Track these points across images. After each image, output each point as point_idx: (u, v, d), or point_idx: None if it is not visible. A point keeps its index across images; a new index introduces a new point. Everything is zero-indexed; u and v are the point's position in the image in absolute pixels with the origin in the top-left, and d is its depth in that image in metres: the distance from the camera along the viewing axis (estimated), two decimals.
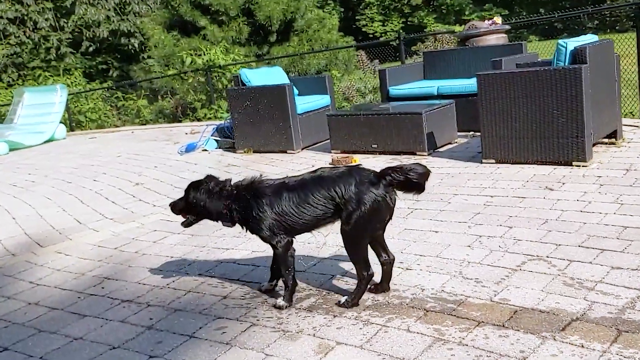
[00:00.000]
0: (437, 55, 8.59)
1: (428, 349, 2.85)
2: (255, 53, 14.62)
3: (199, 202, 3.58)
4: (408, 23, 26.21)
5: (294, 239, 3.47)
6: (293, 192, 3.38)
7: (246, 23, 14.58)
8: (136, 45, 20.40)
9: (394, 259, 3.53)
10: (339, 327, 3.16)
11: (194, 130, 11.10)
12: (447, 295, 3.36)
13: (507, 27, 9.35)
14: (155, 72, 16.41)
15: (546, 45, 12.30)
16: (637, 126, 6.91)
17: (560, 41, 5.43)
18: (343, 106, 10.29)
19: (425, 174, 3.28)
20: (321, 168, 3.49)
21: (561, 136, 5.38)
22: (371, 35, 24.06)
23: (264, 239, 3.48)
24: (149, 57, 17.65)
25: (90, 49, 20.54)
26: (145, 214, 5.83)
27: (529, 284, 3.38)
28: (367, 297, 3.44)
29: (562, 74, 5.24)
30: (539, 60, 6.89)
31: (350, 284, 3.67)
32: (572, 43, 5.39)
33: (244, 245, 4.56)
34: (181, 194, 3.83)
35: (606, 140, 6.07)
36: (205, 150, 8.70)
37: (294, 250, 3.48)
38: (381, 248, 3.48)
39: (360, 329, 3.12)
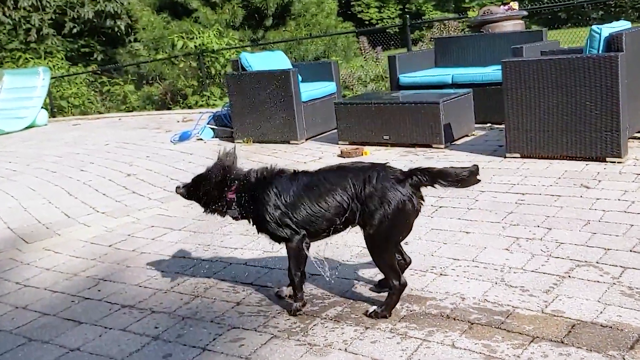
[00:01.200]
0: (450, 42, 8.19)
1: None
2: (250, 37, 14.13)
3: (205, 185, 3.18)
4: (405, 10, 25.80)
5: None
6: (308, 184, 3.05)
7: (241, 6, 14.06)
8: (122, 27, 19.68)
9: (410, 262, 3.25)
10: (373, 341, 2.77)
11: (186, 118, 10.64)
12: (491, 306, 2.98)
13: (525, 12, 8.97)
14: (143, 56, 15.85)
15: (551, 35, 11.94)
16: None
17: (593, 27, 5.06)
18: (344, 95, 9.87)
19: (463, 181, 2.94)
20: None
21: (594, 130, 5.01)
22: (367, 22, 23.63)
23: (272, 235, 3.10)
24: (135, 40, 17.06)
25: (74, 30, 19.77)
26: (140, 208, 5.40)
27: (582, 293, 3.02)
28: (401, 306, 3.06)
29: (597, 63, 4.87)
30: (565, 48, 6.52)
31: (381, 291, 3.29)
32: (607, 29, 5.02)
33: (253, 244, 4.15)
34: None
35: (638, 135, 5.70)
36: (201, 139, 8.25)
37: (309, 245, 3.10)
38: (395, 249, 3.13)
39: (398, 343, 2.74)
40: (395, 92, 7.32)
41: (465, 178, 2.94)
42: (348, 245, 3.91)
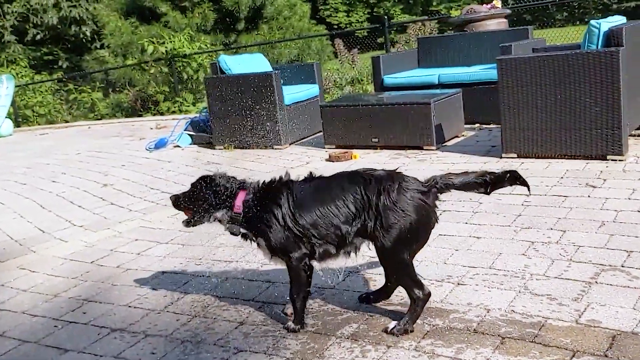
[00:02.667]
0: (434, 42, 8.00)
1: None
2: (222, 42, 13.78)
3: (205, 199, 2.90)
4: (374, 14, 25.68)
5: (312, 258, 2.86)
6: (318, 194, 2.80)
7: (212, 9, 13.71)
8: (88, 33, 19.09)
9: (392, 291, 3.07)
10: None
11: (160, 124, 10.27)
12: (520, 317, 2.76)
13: (508, 11, 8.85)
14: (109, 62, 15.36)
15: None
16: None
17: (592, 22, 4.91)
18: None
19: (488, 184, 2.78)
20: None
21: (594, 127, 4.86)
22: (336, 26, 23.46)
23: (273, 251, 2.84)
24: (102, 46, 16.52)
25: (38, 37, 19.09)
26: (120, 220, 5.06)
27: (615, 300, 2.82)
28: (422, 321, 2.82)
29: (597, 58, 4.72)
30: (559, 44, 6.38)
31: (395, 303, 3.05)
32: (606, 24, 4.87)
33: (249, 257, 3.87)
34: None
35: (634, 132, 5.57)
36: (178, 146, 7.91)
37: (311, 266, 2.87)
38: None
39: None
40: (382, 93, 7.10)
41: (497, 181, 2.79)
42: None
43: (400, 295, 3.10)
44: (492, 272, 3.25)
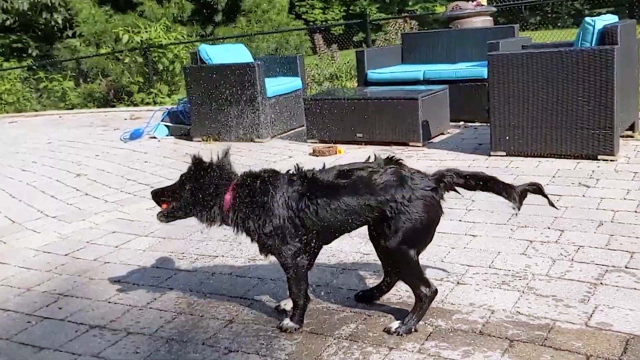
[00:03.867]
0: (419, 38, 7.89)
1: None
2: (199, 33, 13.48)
3: (195, 190, 2.69)
4: (350, 11, 25.55)
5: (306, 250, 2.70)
6: (320, 190, 2.61)
7: (189, 0, 13.40)
8: (60, 21, 18.51)
9: (391, 287, 2.93)
10: None
11: (134, 115, 9.99)
12: (527, 319, 2.64)
13: (493, 9, 8.78)
14: (81, 51, 14.92)
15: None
16: None
17: (587, 19, 4.84)
18: None
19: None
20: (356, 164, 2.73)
21: (586, 127, 4.79)
22: (311, 23, 23.27)
23: (265, 247, 2.67)
24: (74, 34, 16.04)
25: (7, 22, 18.43)
26: (96, 212, 4.82)
27: (623, 302, 2.72)
28: (424, 322, 2.68)
29: (591, 56, 4.64)
30: (548, 42, 6.31)
31: (393, 301, 2.90)
32: (600, 21, 4.80)
33: (236, 252, 3.69)
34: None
35: (624, 133, 5.52)
36: (154, 137, 7.66)
37: (307, 261, 2.70)
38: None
39: None
40: (367, 88, 6.96)
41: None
42: (348, 252, 3.51)
43: (398, 294, 2.96)
44: (492, 272, 3.13)
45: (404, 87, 6.61)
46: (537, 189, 2.69)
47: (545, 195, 2.70)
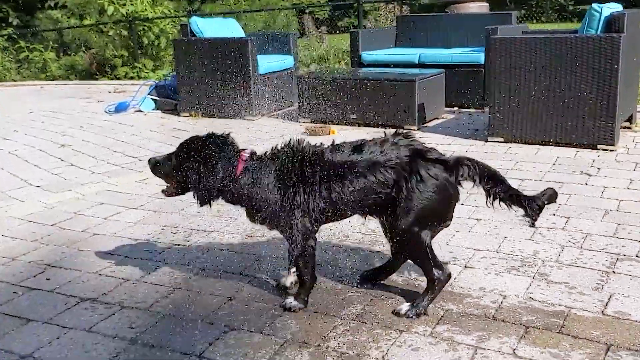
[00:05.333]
0: (414, 21, 7.74)
1: None
2: (186, 9, 13.18)
3: (195, 167, 2.52)
4: None
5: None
6: (334, 168, 2.47)
7: None
8: None
9: (396, 269, 2.85)
10: (414, 349, 2.27)
11: (118, 89, 9.72)
12: (540, 305, 2.55)
13: None
14: (62, 22, 14.49)
15: None
16: None
17: (594, 5, 4.75)
18: None
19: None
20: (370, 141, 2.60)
21: (588, 115, 4.71)
22: (297, 3, 22.86)
23: (274, 226, 2.56)
24: (56, 5, 15.59)
25: None
26: (83, 182, 4.64)
27: (639, 291, 2.63)
28: (434, 305, 2.58)
29: (597, 43, 4.56)
30: (549, 29, 6.22)
31: (399, 282, 2.80)
32: (607, 9, 4.72)
33: (231, 227, 3.56)
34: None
35: (623, 124, 5.46)
36: (140, 111, 7.44)
37: (316, 238, 2.57)
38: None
39: (446, 351, 2.25)
40: (361, 69, 6.81)
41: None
42: (352, 232, 3.39)
43: (404, 276, 2.86)
44: (500, 257, 3.04)
45: (400, 69, 6.48)
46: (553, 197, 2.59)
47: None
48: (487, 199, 2.56)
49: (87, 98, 9.05)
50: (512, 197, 2.53)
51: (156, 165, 2.67)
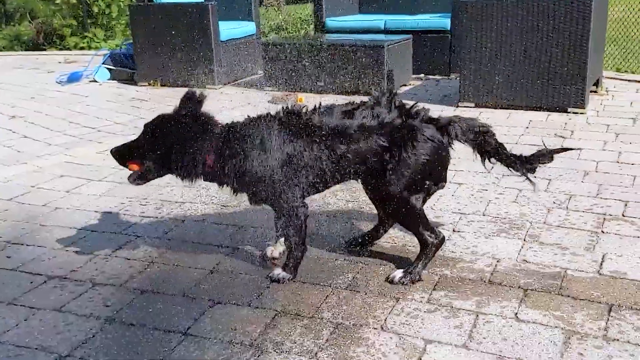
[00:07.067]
0: None
1: (567, 350, 1.95)
2: None
3: (167, 146, 2.33)
4: None
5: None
6: (325, 133, 2.34)
7: None
8: None
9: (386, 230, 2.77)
10: (413, 316, 2.17)
11: (68, 59, 9.26)
12: (535, 267, 2.48)
13: None
14: None
15: None
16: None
17: None
18: None
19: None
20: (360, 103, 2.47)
21: (559, 79, 4.67)
22: None
23: (261, 199, 2.40)
24: None
25: None
26: (39, 155, 4.35)
27: (630, 250, 2.62)
28: (427, 271, 2.48)
29: (568, 4, 4.50)
30: None
31: (387, 248, 2.69)
32: None
33: (204, 198, 3.38)
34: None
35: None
36: (95, 81, 7.08)
37: (307, 207, 2.43)
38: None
39: (447, 318, 2.15)
40: (327, 35, 6.62)
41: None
42: (336, 198, 3.26)
43: (390, 241, 2.75)
44: (488, 220, 2.96)
45: (366, 35, 6.32)
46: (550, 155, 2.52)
47: (561, 150, 2.63)
48: (482, 159, 2.47)
49: (36, 69, 8.58)
50: (510, 158, 2.43)
51: (122, 154, 2.45)
